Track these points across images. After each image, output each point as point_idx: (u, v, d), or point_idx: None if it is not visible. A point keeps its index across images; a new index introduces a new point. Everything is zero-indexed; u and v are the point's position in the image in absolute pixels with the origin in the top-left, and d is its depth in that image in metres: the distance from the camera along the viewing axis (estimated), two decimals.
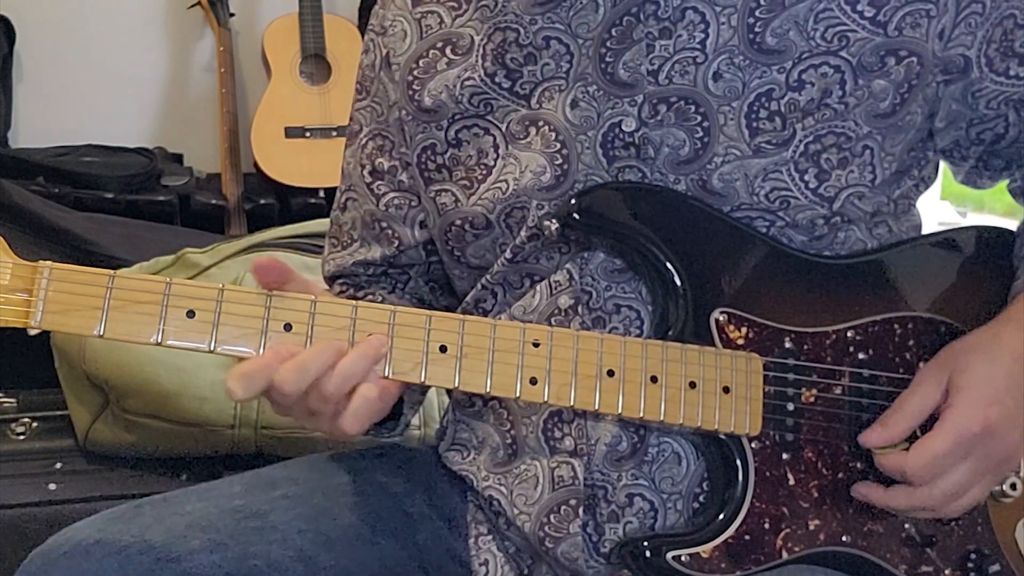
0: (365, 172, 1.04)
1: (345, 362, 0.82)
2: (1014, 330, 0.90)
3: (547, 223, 0.90)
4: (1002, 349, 0.88)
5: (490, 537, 1.00)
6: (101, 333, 0.80)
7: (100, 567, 0.88)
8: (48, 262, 0.80)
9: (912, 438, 0.88)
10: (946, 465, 0.86)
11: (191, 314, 0.81)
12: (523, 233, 0.94)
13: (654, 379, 0.86)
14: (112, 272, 0.80)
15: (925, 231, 1.01)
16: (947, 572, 0.92)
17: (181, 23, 2.79)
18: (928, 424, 0.87)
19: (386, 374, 0.84)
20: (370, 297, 1.05)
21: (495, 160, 0.95)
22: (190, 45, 2.81)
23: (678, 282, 0.89)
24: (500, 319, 0.97)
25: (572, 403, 0.86)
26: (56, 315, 0.79)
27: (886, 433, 0.88)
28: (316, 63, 2.67)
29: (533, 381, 0.85)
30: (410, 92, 0.99)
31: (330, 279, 1.10)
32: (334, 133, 2.55)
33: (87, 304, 0.80)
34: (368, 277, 1.08)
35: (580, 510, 0.92)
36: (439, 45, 0.98)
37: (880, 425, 0.88)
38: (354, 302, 0.84)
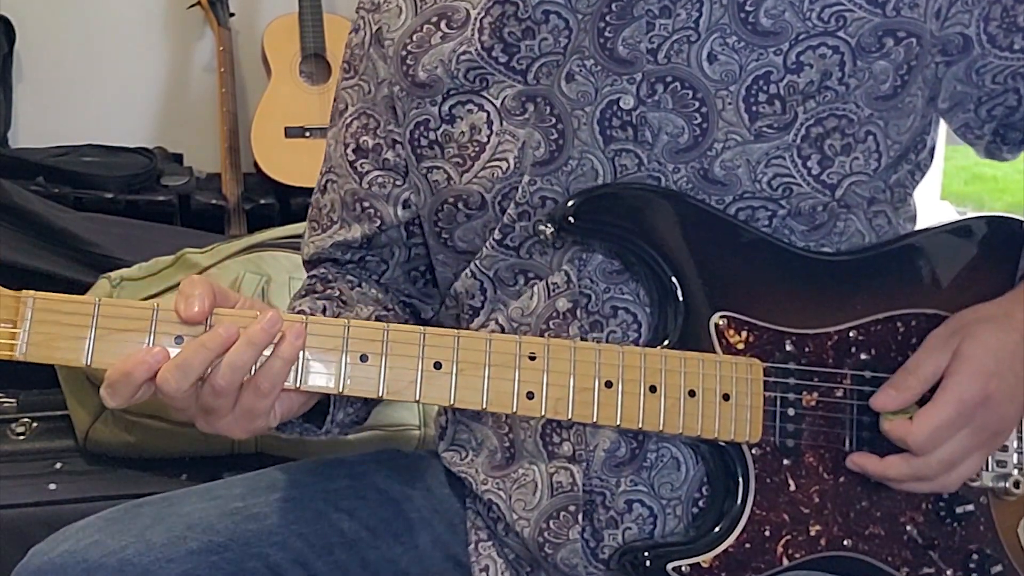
0: (348, 151, 1.03)
1: (231, 352, 0.78)
2: None
3: (542, 227, 0.89)
4: (1012, 325, 0.88)
5: (490, 543, 0.99)
6: (89, 362, 0.78)
7: (98, 567, 0.88)
8: (32, 292, 0.79)
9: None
10: (946, 436, 0.86)
11: (179, 340, 0.79)
12: (512, 211, 0.92)
13: (653, 389, 0.85)
14: (96, 300, 0.79)
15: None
16: (949, 573, 0.91)
17: (181, 23, 2.78)
18: (927, 393, 0.87)
19: (380, 394, 0.82)
20: (332, 291, 1.01)
21: (488, 136, 0.93)
22: (190, 45, 2.81)
23: (677, 287, 0.88)
24: (495, 319, 0.96)
25: (570, 416, 0.85)
26: (40, 347, 0.78)
27: (899, 396, 0.87)
28: (316, 63, 2.66)
29: (530, 395, 0.84)
30: (404, 67, 0.98)
31: (308, 264, 1.09)
32: None
33: (72, 334, 0.78)
34: (345, 262, 1.06)
35: (579, 516, 0.91)
36: (434, 19, 0.97)
37: (892, 388, 0.88)
38: (345, 320, 0.83)
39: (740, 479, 0.87)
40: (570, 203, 0.89)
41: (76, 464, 1.60)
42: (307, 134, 2.58)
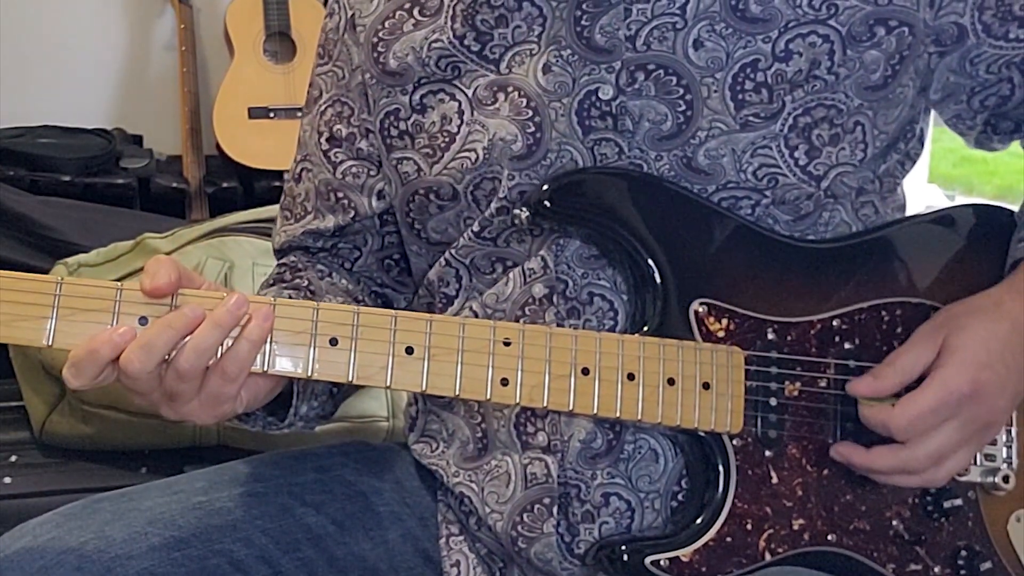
0: (322, 139, 1.02)
1: (196, 335, 0.77)
2: (1016, 298, 0.89)
3: (517, 211, 0.88)
4: (1002, 315, 0.87)
5: (461, 538, 0.98)
6: (50, 343, 0.77)
7: (56, 564, 0.85)
8: None
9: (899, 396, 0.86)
10: (930, 424, 0.84)
11: (144, 321, 0.78)
12: (493, 206, 0.91)
13: (631, 376, 0.84)
14: (59, 279, 0.77)
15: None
16: (936, 570, 0.90)
17: None
18: (917, 385, 0.86)
19: (350, 379, 0.80)
20: (300, 281, 1.00)
21: (458, 127, 0.92)
22: (150, 22, 2.78)
23: (655, 273, 0.86)
24: (469, 306, 0.94)
25: (545, 404, 0.83)
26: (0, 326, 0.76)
27: (875, 384, 0.86)
28: (280, 41, 2.65)
29: (504, 382, 0.83)
30: (375, 54, 0.96)
31: (278, 252, 1.07)
32: (299, 114, 2.52)
33: (33, 313, 0.77)
34: (316, 250, 1.05)
35: (554, 509, 0.90)
36: (406, 6, 0.96)
37: (870, 376, 0.87)
38: (315, 303, 0.81)
39: (721, 471, 0.86)
40: (545, 187, 0.87)
41: (32, 457, 1.59)
42: (271, 115, 2.57)
